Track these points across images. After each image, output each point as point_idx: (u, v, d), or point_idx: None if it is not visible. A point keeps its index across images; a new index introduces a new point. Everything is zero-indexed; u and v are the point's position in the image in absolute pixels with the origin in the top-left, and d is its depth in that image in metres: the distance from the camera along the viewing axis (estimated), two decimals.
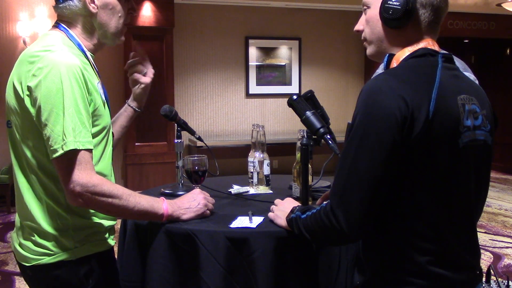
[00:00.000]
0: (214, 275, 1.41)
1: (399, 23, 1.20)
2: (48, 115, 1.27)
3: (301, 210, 1.32)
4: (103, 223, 1.46)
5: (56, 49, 1.33)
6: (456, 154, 1.15)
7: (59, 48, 1.34)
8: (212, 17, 7.08)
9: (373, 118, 1.09)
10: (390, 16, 1.20)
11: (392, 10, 1.19)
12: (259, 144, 2.00)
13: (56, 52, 1.32)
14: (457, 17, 7.40)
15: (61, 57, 1.31)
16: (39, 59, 1.30)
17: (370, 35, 1.29)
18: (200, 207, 1.55)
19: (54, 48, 1.33)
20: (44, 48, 1.33)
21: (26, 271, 1.43)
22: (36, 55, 1.32)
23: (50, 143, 1.28)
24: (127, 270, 1.58)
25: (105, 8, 1.44)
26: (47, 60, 1.30)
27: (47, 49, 1.33)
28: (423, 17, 1.21)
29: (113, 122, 1.76)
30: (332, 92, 7.71)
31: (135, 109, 1.80)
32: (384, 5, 1.21)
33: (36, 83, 1.28)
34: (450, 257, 1.17)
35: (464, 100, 1.17)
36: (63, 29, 1.43)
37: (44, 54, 1.31)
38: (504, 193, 6.73)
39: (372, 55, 1.31)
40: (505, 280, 1.83)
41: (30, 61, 1.32)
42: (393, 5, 1.19)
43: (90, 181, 1.29)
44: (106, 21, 1.45)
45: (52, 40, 1.38)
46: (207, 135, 7.11)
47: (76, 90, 1.30)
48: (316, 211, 1.24)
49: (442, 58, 1.20)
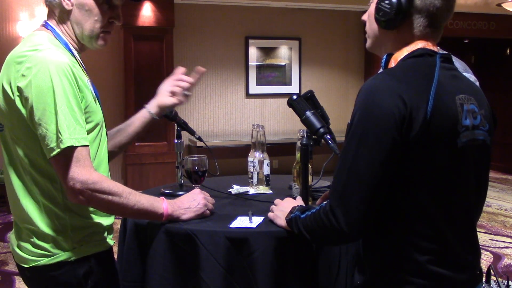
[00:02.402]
0: (214, 275, 1.41)
1: (389, 25, 1.21)
2: (41, 114, 1.27)
3: (301, 210, 1.32)
4: (102, 223, 1.46)
5: (43, 48, 1.32)
6: (455, 153, 1.15)
7: (47, 47, 1.33)
8: (212, 17, 7.08)
9: (372, 117, 1.10)
10: (380, 18, 1.21)
11: (383, 12, 1.20)
12: (259, 144, 2.00)
13: (44, 51, 1.31)
14: (457, 17, 7.40)
15: (50, 56, 1.30)
16: (27, 59, 1.29)
17: (368, 29, 1.30)
18: (200, 207, 1.55)
19: (41, 47, 1.32)
20: (31, 48, 1.32)
21: (25, 272, 1.43)
22: (23, 55, 1.31)
23: (45, 142, 1.27)
24: (127, 270, 1.58)
25: (80, 8, 1.42)
26: (36, 59, 1.29)
27: (35, 49, 1.32)
28: (417, 22, 1.20)
29: (128, 125, 1.73)
30: (332, 92, 7.70)
31: (154, 116, 1.75)
32: (377, 5, 1.22)
33: (26, 83, 1.27)
34: (450, 257, 1.17)
35: (462, 100, 1.17)
36: (50, 28, 1.43)
37: (31, 54, 1.30)
38: (504, 193, 6.73)
39: (370, 48, 1.33)
40: (505, 280, 1.83)
41: (17, 61, 1.31)
42: (384, 8, 1.19)
43: (90, 178, 1.29)
44: (81, 21, 1.43)
45: (38, 40, 1.36)
46: (207, 135, 7.10)
47: (67, 87, 1.29)
48: (315, 211, 1.24)
49: (441, 58, 1.20)
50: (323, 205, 1.20)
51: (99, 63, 6.17)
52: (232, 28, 7.20)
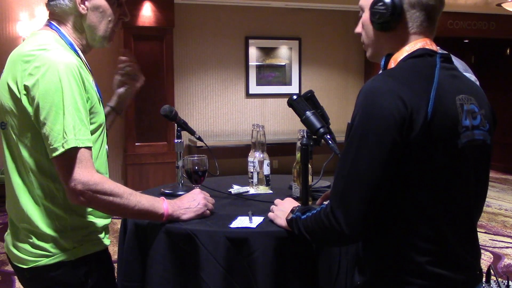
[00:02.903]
0: (214, 275, 1.41)
1: (388, 26, 1.21)
2: (47, 113, 1.27)
3: (301, 211, 1.32)
4: (99, 223, 1.46)
5: (51, 48, 1.32)
6: (455, 154, 1.15)
7: (55, 47, 1.33)
8: (212, 17, 7.08)
9: (372, 119, 1.10)
10: (378, 20, 1.21)
11: (379, 14, 1.20)
12: (259, 144, 2.00)
13: (52, 50, 1.32)
14: (457, 17, 7.39)
15: (58, 56, 1.31)
16: (35, 58, 1.29)
17: (365, 39, 1.30)
18: (200, 207, 1.55)
19: (49, 46, 1.33)
20: (39, 47, 1.32)
21: (24, 273, 1.42)
22: (31, 54, 1.31)
23: (49, 141, 1.27)
24: (127, 270, 1.58)
25: (95, 11, 1.43)
26: (44, 58, 1.29)
27: (42, 48, 1.32)
28: (413, 17, 1.21)
29: None
30: (332, 92, 7.71)
31: (117, 112, 1.77)
32: (371, 10, 1.22)
33: (33, 82, 1.27)
34: (450, 257, 1.17)
35: (462, 100, 1.17)
36: (54, 28, 1.43)
37: (39, 53, 1.30)
38: (504, 193, 6.73)
39: (371, 57, 1.32)
40: (505, 280, 1.83)
41: (25, 60, 1.31)
42: (379, 10, 1.20)
43: (91, 179, 1.29)
44: (96, 23, 1.44)
45: (45, 39, 1.37)
46: (207, 135, 7.10)
47: (75, 88, 1.29)
48: (316, 212, 1.24)
49: (441, 58, 1.20)
50: (323, 206, 1.20)
51: (99, 63, 6.17)
52: (232, 28, 7.20)
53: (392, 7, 1.18)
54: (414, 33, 1.22)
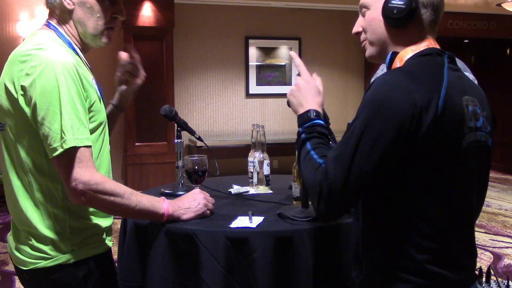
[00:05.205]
0: (214, 275, 1.41)
1: (403, 22, 1.21)
2: (45, 113, 1.26)
3: (310, 133, 1.28)
4: (101, 224, 1.45)
5: (48, 47, 1.31)
6: (459, 154, 1.15)
7: (51, 46, 1.33)
8: (212, 17, 7.08)
9: (382, 113, 1.09)
10: (395, 16, 1.21)
11: (397, 9, 1.20)
12: (259, 144, 2.00)
13: (49, 50, 1.31)
14: (457, 17, 7.40)
15: (55, 55, 1.30)
16: (31, 58, 1.29)
17: (371, 36, 1.28)
18: (200, 207, 1.55)
19: (45, 46, 1.32)
20: (36, 47, 1.31)
21: (23, 275, 1.42)
22: (28, 54, 1.30)
23: (48, 142, 1.27)
24: (127, 270, 1.58)
25: (82, 6, 1.41)
26: (40, 58, 1.28)
27: (39, 47, 1.31)
28: (424, 17, 1.22)
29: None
30: (332, 92, 7.70)
31: (120, 109, 1.74)
32: (387, 5, 1.22)
33: (30, 82, 1.27)
34: (449, 256, 1.17)
35: (467, 101, 1.18)
36: (52, 27, 1.42)
37: (36, 53, 1.29)
38: (504, 193, 6.73)
39: (373, 56, 1.31)
40: (505, 280, 1.83)
41: (21, 60, 1.30)
42: (398, 5, 1.20)
43: (92, 179, 1.29)
44: (83, 19, 1.42)
45: (42, 39, 1.36)
46: (207, 135, 7.10)
47: (72, 87, 1.28)
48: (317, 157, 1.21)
49: (448, 58, 1.21)
50: (322, 163, 1.17)
51: (98, 63, 6.17)
52: (232, 28, 7.20)
53: (410, 2, 1.19)
54: (423, 32, 1.24)
